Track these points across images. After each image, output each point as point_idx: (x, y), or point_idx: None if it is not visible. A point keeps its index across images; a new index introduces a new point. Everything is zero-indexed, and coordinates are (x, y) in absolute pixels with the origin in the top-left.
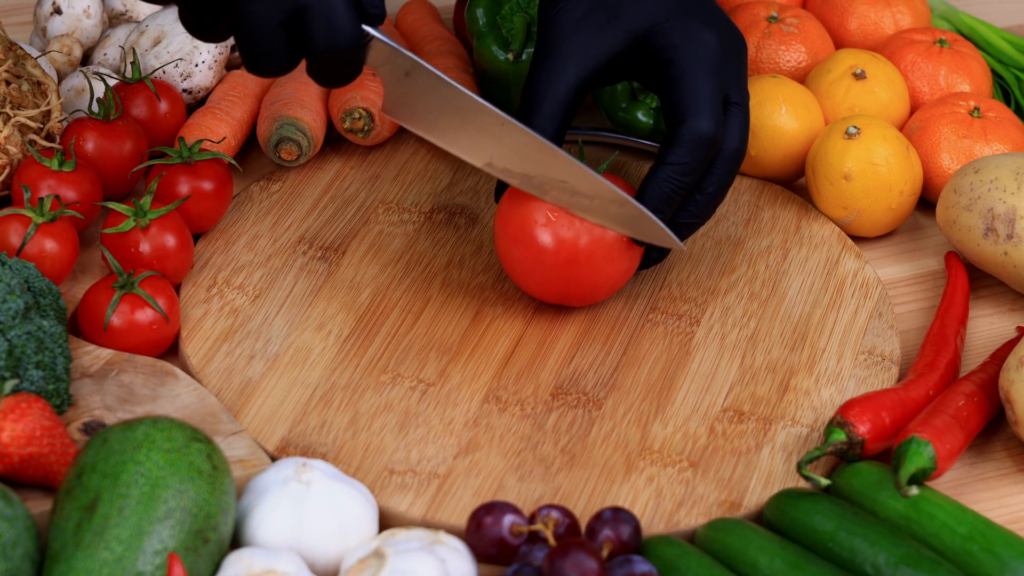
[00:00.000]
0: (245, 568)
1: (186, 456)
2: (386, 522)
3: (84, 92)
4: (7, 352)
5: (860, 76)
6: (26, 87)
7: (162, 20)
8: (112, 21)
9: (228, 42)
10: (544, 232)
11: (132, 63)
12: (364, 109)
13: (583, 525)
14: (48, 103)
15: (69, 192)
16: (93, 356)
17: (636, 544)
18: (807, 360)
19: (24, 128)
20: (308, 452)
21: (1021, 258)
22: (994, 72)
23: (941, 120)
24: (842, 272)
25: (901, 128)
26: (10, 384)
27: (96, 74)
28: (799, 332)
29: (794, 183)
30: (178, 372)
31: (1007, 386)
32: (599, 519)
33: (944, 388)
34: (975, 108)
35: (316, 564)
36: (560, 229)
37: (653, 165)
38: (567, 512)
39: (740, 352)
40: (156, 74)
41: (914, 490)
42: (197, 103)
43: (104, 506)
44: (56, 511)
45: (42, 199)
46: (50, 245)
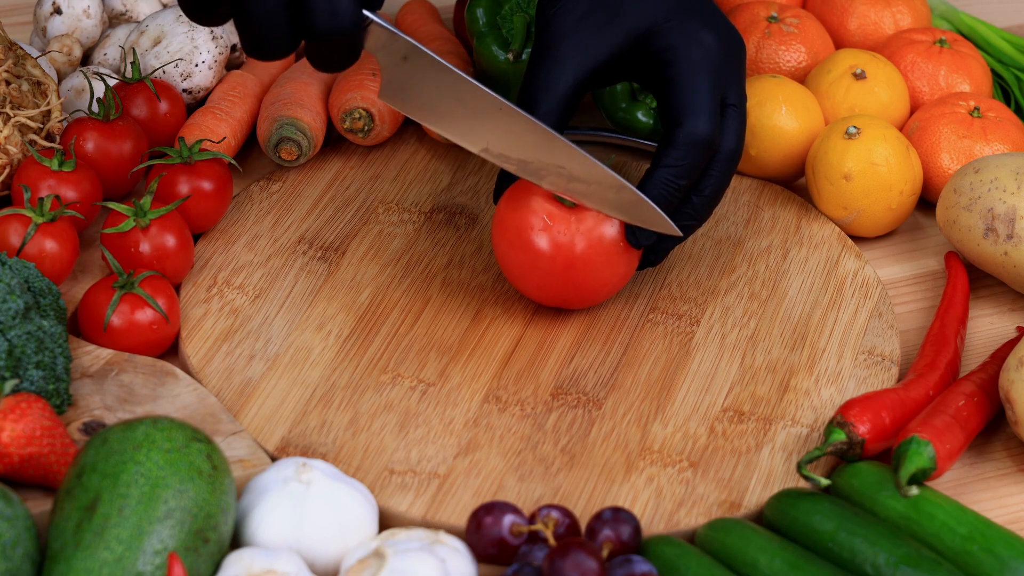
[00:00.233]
0: (245, 568)
1: (186, 456)
2: (386, 522)
3: (84, 92)
4: (7, 352)
5: (860, 76)
6: (26, 87)
7: (162, 20)
8: (112, 21)
9: (228, 41)
10: (541, 236)
11: (132, 63)
12: (364, 109)
13: (583, 525)
14: (48, 103)
15: (69, 192)
16: (93, 356)
17: (636, 544)
18: (807, 360)
19: (24, 128)
20: (308, 452)
21: (1021, 258)
22: (994, 72)
23: (941, 120)
24: (842, 272)
25: (901, 128)
26: (10, 384)
27: (96, 74)
28: (799, 332)
29: (794, 183)
30: (178, 372)
31: (1007, 386)
32: (599, 519)
33: (944, 388)
34: (975, 108)
35: (316, 564)
36: (557, 234)
37: (650, 167)
38: (567, 512)
39: (740, 352)
40: (156, 74)
41: (914, 490)
42: (197, 103)
43: (104, 506)
44: (56, 511)
45: (42, 199)
46: (50, 245)
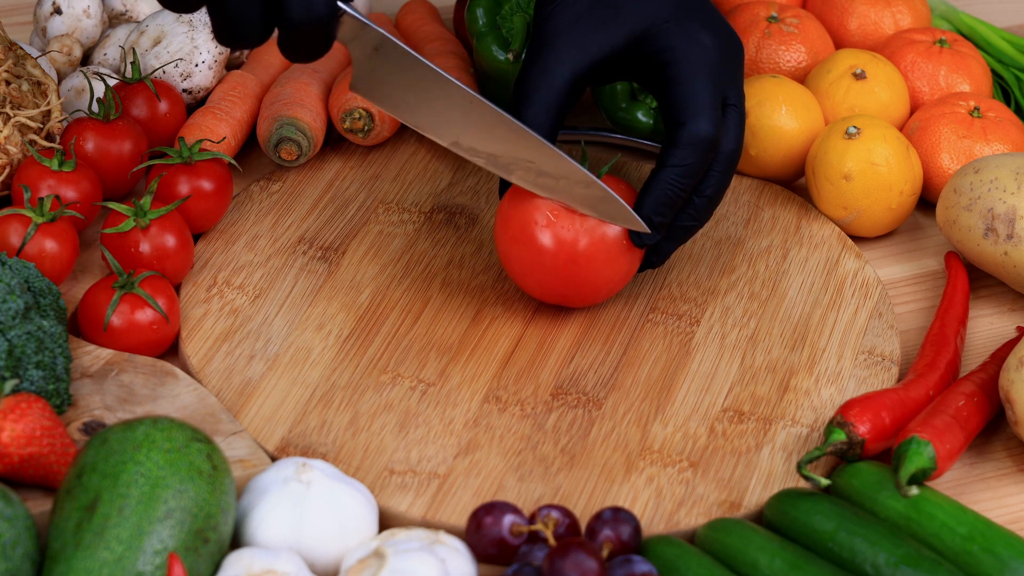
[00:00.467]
0: (245, 568)
1: (186, 456)
2: (386, 522)
3: (84, 92)
4: (7, 352)
5: (860, 76)
6: (26, 87)
7: (162, 20)
8: (112, 21)
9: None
10: (544, 233)
11: (132, 63)
12: (364, 109)
13: (583, 525)
14: (48, 103)
15: (69, 192)
16: (93, 356)
17: (636, 544)
18: (807, 360)
19: (24, 128)
20: (308, 452)
21: (1021, 258)
22: (994, 72)
23: (941, 120)
24: (842, 272)
25: (901, 128)
26: (10, 384)
27: (96, 74)
28: (799, 332)
29: (794, 183)
30: (178, 372)
31: (1007, 386)
32: (599, 519)
33: (944, 388)
34: (975, 108)
35: (316, 564)
36: (560, 230)
37: (654, 168)
38: (567, 512)
39: (740, 352)
40: (156, 74)
41: (914, 490)
42: (197, 103)
43: (104, 506)
44: (56, 511)
45: (42, 199)
46: (50, 245)
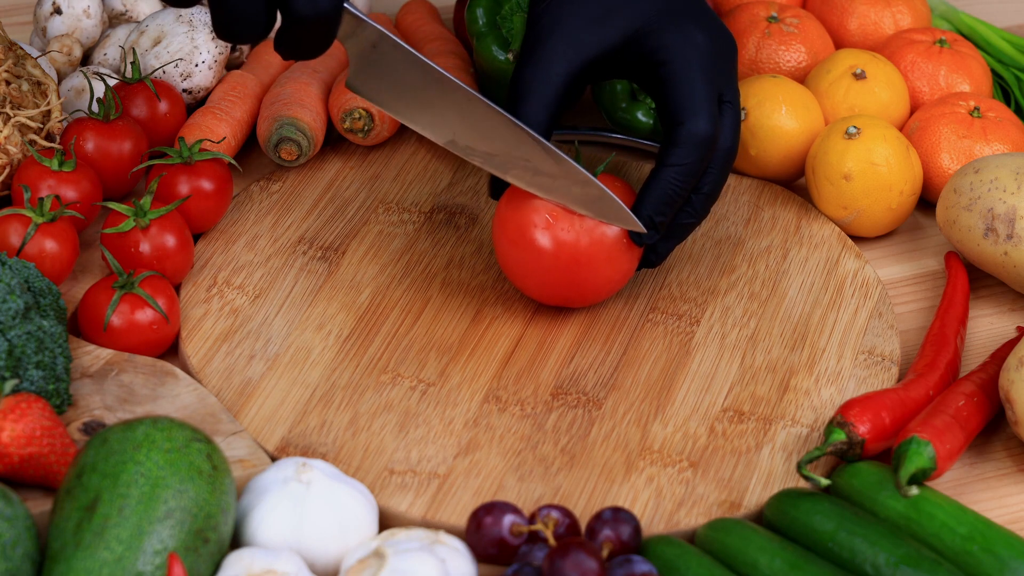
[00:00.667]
0: (245, 568)
1: (186, 456)
2: (386, 522)
3: (84, 92)
4: (7, 352)
5: (860, 76)
6: (26, 87)
7: (162, 20)
8: (112, 21)
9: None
10: (543, 234)
11: (132, 63)
12: (364, 109)
13: (583, 525)
14: (48, 103)
15: (69, 192)
16: (93, 356)
17: (636, 544)
18: (807, 360)
19: (24, 128)
20: (308, 452)
21: (1021, 258)
22: (994, 72)
23: (941, 120)
24: (842, 272)
25: (901, 128)
26: (10, 384)
27: (96, 74)
28: (799, 332)
29: (794, 183)
30: (178, 372)
31: (1007, 386)
32: (599, 519)
33: (944, 388)
34: (975, 108)
35: (316, 564)
36: (559, 231)
37: (654, 168)
38: (567, 512)
39: (740, 352)
40: (156, 74)
41: (914, 490)
42: (197, 103)
43: (104, 506)
44: (56, 511)
45: (42, 199)
46: (50, 245)
